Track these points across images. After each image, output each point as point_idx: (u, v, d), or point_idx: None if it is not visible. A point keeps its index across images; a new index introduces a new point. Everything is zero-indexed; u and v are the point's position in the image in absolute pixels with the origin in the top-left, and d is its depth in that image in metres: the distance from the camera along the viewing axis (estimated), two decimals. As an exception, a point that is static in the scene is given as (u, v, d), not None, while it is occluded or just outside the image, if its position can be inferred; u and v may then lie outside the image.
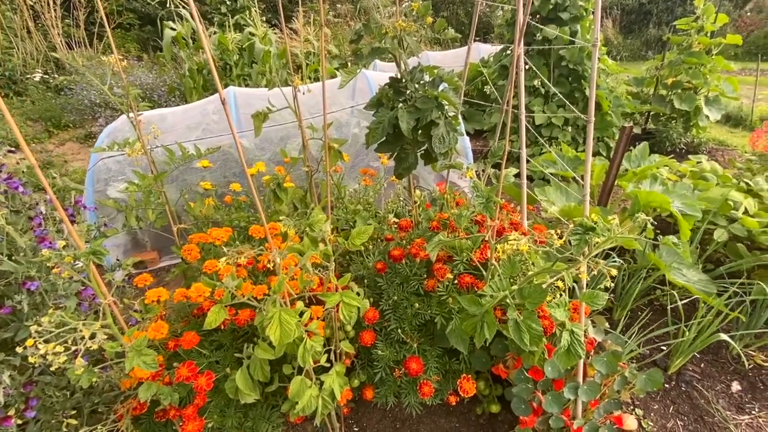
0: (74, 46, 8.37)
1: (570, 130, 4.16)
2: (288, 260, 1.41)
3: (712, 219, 2.41)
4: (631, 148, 3.18)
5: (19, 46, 7.42)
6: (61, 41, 7.98)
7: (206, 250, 1.71)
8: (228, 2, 7.01)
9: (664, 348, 2.11)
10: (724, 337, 1.86)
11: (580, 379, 1.52)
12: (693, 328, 1.89)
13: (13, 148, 1.44)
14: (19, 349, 1.04)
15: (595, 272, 1.21)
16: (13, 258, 1.24)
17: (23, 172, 1.46)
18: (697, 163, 3.17)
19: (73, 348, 1.03)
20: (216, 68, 0.97)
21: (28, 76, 7.10)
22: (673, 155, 4.50)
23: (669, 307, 2.12)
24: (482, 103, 4.24)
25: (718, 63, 4.39)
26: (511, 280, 1.40)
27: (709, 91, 4.51)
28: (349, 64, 6.32)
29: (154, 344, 1.36)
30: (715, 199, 2.41)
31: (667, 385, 1.96)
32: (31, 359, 1.01)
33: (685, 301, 2.04)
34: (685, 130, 4.63)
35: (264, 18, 7.18)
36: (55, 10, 7.82)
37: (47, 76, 7.31)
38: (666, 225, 2.94)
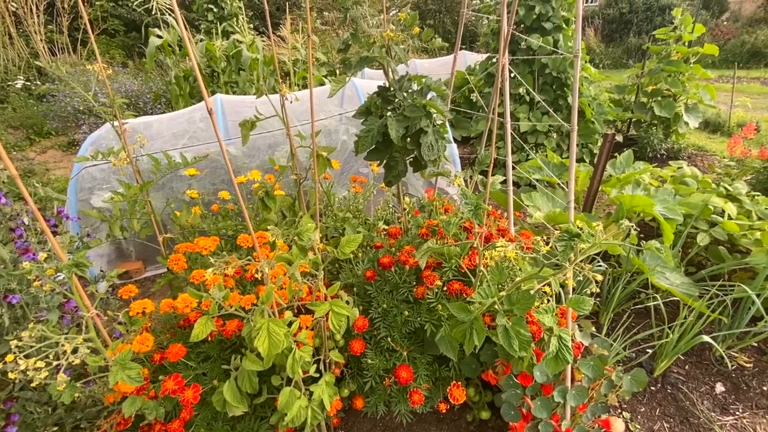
0: (57, 52, 8.23)
1: (555, 136, 4.24)
2: (276, 270, 1.40)
3: (694, 223, 2.48)
4: (616, 154, 3.25)
5: (0, 53, 7.27)
6: (43, 47, 7.85)
7: (193, 259, 1.69)
8: (215, 9, 6.99)
9: (649, 350, 2.14)
10: (706, 338, 1.90)
11: (569, 384, 1.54)
12: (676, 330, 1.92)
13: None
14: (-2, 365, 1.01)
15: (581, 277, 1.23)
16: (-9, 271, 1.20)
17: (3, 182, 1.43)
18: (678, 168, 3.26)
19: (55, 363, 1.00)
20: (203, 75, 0.96)
21: (10, 83, 6.95)
22: (654, 161, 4.62)
23: (652, 309, 2.17)
24: (468, 111, 4.30)
25: (696, 71, 4.54)
26: (500, 287, 1.42)
27: (688, 99, 4.65)
28: (337, 71, 6.35)
29: (139, 357, 1.33)
30: (696, 204, 2.47)
31: (653, 388, 1.99)
32: (11, 375, 0.98)
33: (667, 302, 2.08)
34: (665, 136, 4.76)
35: (251, 25, 7.18)
36: (38, 15, 7.70)
37: (29, 83, 7.16)
38: (649, 229, 3.00)
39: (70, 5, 8.40)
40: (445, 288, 1.63)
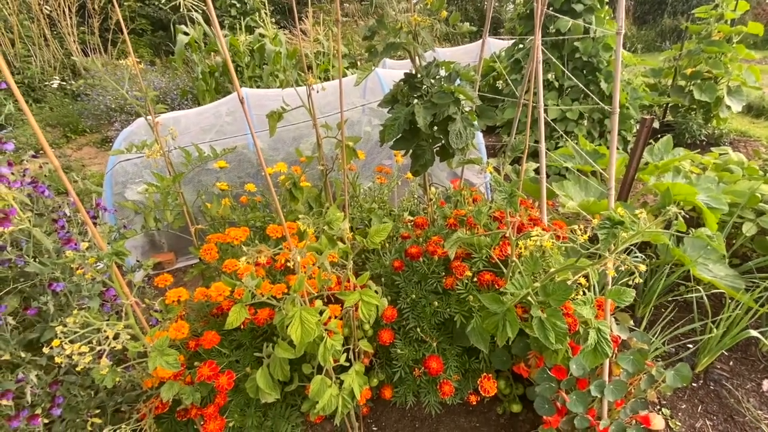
0: (89, 52, 8.54)
1: (586, 123, 4.08)
2: (306, 259, 1.41)
3: (740, 212, 2.33)
4: (652, 141, 3.10)
5: (36, 54, 7.61)
6: (76, 48, 8.16)
7: (223, 250, 1.72)
8: (238, 5, 7.06)
9: (690, 346, 2.05)
10: (754, 333, 1.79)
11: (606, 378, 1.48)
12: (721, 325, 1.82)
13: (35, 153, 1.46)
14: (46, 350, 1.05)
15: (622, 268, 1.18)
16: (37, 260, 1.25)
17: (45, 176, 1.48)
18: (721, 155, 3.07)
19: (98, 348, 1.04)
20: (230, 70, 0.96)
21: (46, 83, 7.26)
22: (693, 148, 4.38)
23: (695, 303, 2.06)
24: (495, 96, 4.18)
25: (740, 52, 4.25)
26: (533, 278, 1.37)
27: (731, 81, 4.37)
28: (358, 62, 6.31)
29: (175, 344, 1.37)
30: (742, 192, 2.32)
31: (694, 384, 1.90)
32: (57, 359, 1.02)
33: (710, 296, 1.97)
34: (705, 121, 4.50)
35: (273, 20, 7.23)
36: (70, 18, 8.00)
37: (64, 83, 7.47)
38: (689, 220, 2.85)
39: (101, 7, 8.68)
40: (475, 279, 1.59)
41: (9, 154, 1.30)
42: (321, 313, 1.24)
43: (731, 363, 1.99)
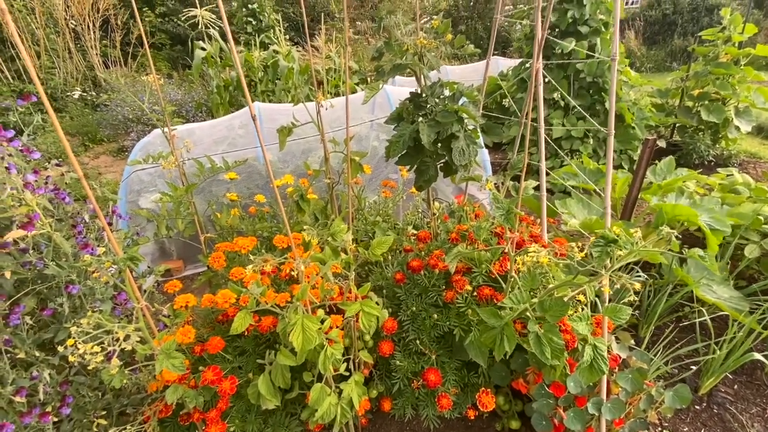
0: (110, 65, 8.87)
1: (591, 142, 4.11)
2: (310, 269, 1.45)
3: (744, 234, 2.33)
4: (656, 161, 3.12)
5: (60, 66, 7.93)
6: (98, 61, 8.48)
7: (231, 258, 1.77)
8: (254, 22, 7.31)
9: (693, 367, 2.03)
10: (758, 356, 1.77)
11: (604, 396, 1.49)
12: (724, 347, 1.81)
13: (58, 162, 1.54)
14: (60, 349, 1.10)
15: (618, 286, 1.20)
16: (55, 263, 1.32)
17: (67, 183, 1.56)
18: (728, 176, 3.08)
19: (109, 349, 1.09)
20: (243, 85, 1.03)
21: (68, 93, 7.55)
22: (701, 168, 4.37)
23: (697, 323, 2.05)
24: (501, 116, 4.25)
25: (748, 73, 4.27)
26: (531, 293, 1.40)
27: (739, 102, 4.38)
28: (368, 79, 6.46)
29: (180, 348, 1.41)
30: (746, 214, 2.33)
31: (697, 407, 1.88)
32: (71, 358, 1.07)
33: (714, 317, 1.96)
34: (713, 142, 4.50)
35: (287, 36, 7.45)
36: (94, 32, 8.34)
37: (85, 94, 7.75)
38: (695, 240, 2.85)
39: (123, 22, 9.05)
40: (474, 293, 1.62)
41: (35, 161, 1.38)
42: (322, 321, 1.28)
43: (735, 386, 1.97)
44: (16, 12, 7.45)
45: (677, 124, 4.75)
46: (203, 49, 5.32)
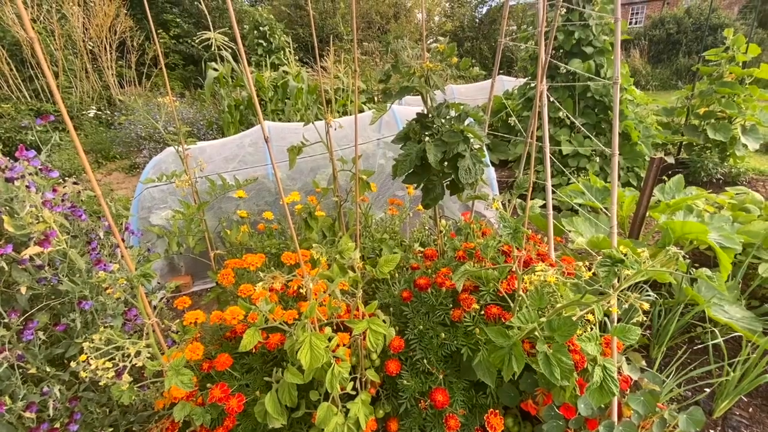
0: (125, 85, 9.15)
1: (598, 160, 4.12)
2: (318, 286, 1.46)
3: (756, 253, 2.30)
4: (665, 178, 3.12)
5: (77, 86, 8.19)
6: (114, 81, 8.76)
7: (240, 275, 1.79)
8: (264, 44, 7.54)
9: (707, 389, 1.98)
10: (774, 379, 1.73)
11: (615, 419, 1.46)
12: (738, 368, 1.77)
13: (75, 180, 1.59)
14: (73, 364, 1.12)
15: (627, 306, 1.19)
16: (69, 279, 1.35)
17: (82, 200, 1.61)
18: (737, 194, 3.06)
19: (121, 365, 1.10)
20: (254, 105, 1.07)
21: (84, 112, 7.78)
22: (709, 186, 4.35)
23: (710, 345, 2.01)
24: (506, 135, 4.29)
25: (753, 92, 4.29)
26: (540, 312, 1.39)
27: (746, 121, 4.39)
28: (375, 98, 6.58)
29: (189, 365, 1.42)
30: (757, 232, 2.31)
31: (711, 431, 1.83)
32: (83, 374, 1.08)
33: (728, 338, 1.92)
34: (721, 159, 4.49)
35: (296, 57, 7.67)
36: (110, 53, 8.65)
37: (100, 112, 7.98)
38: (705, 258, 2.81)
39: (138, 44, 9.38)
40: (482, 312, 1.61)
41: (54, 180, 1.42)
42: (330, 339, 1.28)
43: (750, 409, 1.91)
44: (37, 34, 7.77)
45: (684, 142, 4.75)
46: (215, 69, 5.48)
